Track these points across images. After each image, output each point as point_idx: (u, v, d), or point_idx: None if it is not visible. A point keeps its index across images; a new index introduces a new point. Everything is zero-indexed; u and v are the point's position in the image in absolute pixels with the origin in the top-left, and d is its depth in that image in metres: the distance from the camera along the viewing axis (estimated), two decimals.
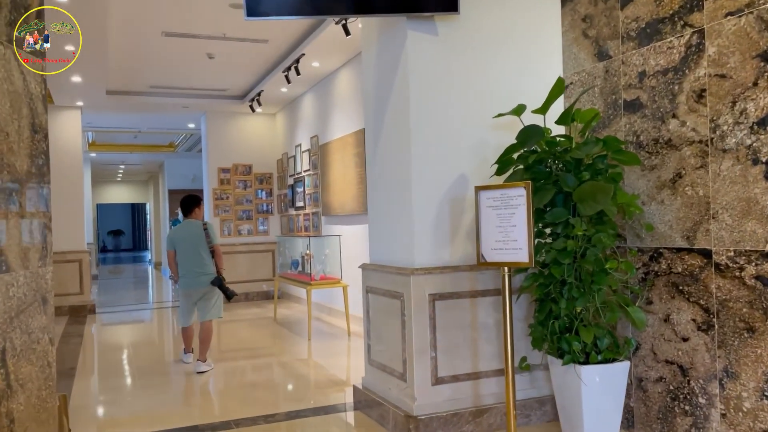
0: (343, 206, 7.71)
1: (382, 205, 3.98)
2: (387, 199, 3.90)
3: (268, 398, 4.67)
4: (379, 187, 4.05)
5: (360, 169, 7.16)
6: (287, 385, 5.10)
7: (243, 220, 10.54)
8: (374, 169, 4.12)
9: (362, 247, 7.15)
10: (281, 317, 8.44)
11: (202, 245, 5.57)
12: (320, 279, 6.99)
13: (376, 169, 4.08)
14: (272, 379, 5.34)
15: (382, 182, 3.98)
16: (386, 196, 3.92)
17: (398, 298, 3.64)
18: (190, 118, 11.08)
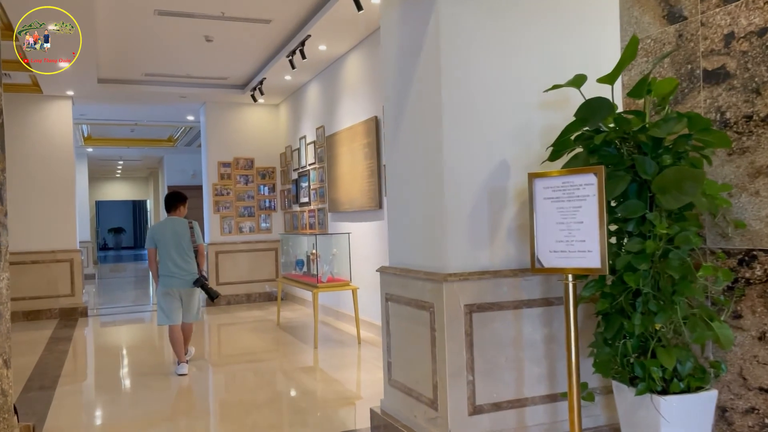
0: (351, 202, 7.11)
1: (405, 198, 3.38)
2: (412, 191, 3.30)
3: (270, 421, 4.07)
4: (400, 178, 3.44)
5: (371, 161, 6.56)
6: (292, 404, 4.50)
7: (244, 217, 9.95)
8: (394, 157, 3.52)
9: (373, 246, 6.55)
10: (285, 321, 7.85)
11: (187, 244, 5.35)
12: (328, 281, 6.39)
13: (397, 156, 3.48)
14: (275, 395, 4.74)
15: (405, 172, 3.38)
16: (410, 187, 3.32)
17: (427, 309, 3.04)
18: (189, 110, 10.49)
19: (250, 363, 5.72)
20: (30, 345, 6.81)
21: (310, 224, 8.70)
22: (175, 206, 5.47)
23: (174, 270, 5.26)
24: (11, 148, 8.60)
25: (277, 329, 7.35)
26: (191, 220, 5.50)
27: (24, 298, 8.52)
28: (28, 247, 8.61)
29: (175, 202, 5.47)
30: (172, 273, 5.26)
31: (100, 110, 10.40)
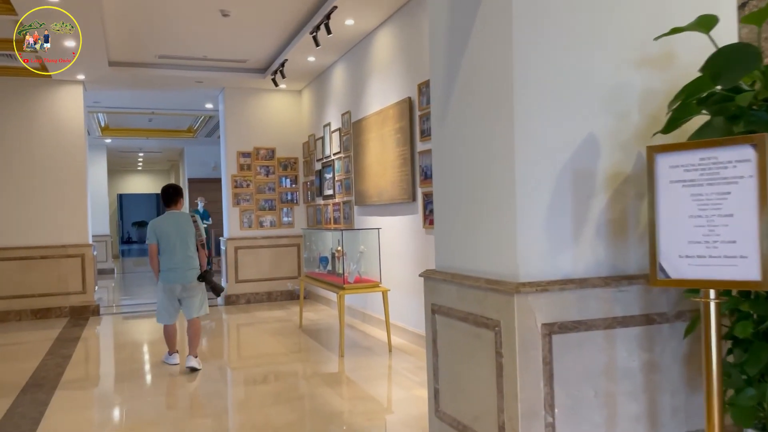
0: (380, 194, 6.43)
1: (458, 185, 2.68)
2: (468, 176, 2.60)
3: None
4: (451, 162, 2.75)
5: (403, 147, 5.87)
6: (316, 428, 3.85)
7: (265, 211, 9.35)
8: (443, 137, 2.82)
9: (405, 243, 5.87)
10: (308, 323, 7.22)
11: (191, 238, 5.20)
12: (355, 281, 5.73)
13: (447, 136, 2.78)
14: (296, 418, 4.09)
15: (459, 154, 2.68)
16: (466, 172, 2.62)
17: (490, 328, 2.35)
18: (208, 97, 9.90)
19: (268, 373, 5.09)
20: (34, 346, 6.28)
21: (334, 218, 8.06)
22: (175, 200, 5.28)
23: (178, 265, 5.09)
24: (18, 135, 8.12)
25: (300, 333, 6.73)
26: (194, 213, 5.35)
27: (33, 295, 8.04)
28: (37, 242, 8.12)
29: (176, 196, 5.29)
30: (174, 268, 5.09)
31: (114, 97, 9.88)
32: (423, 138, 5.53)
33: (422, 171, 5.56)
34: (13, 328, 7.60)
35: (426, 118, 5.47)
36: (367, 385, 4.59)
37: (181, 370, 5.22)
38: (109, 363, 5.87)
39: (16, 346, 6.63)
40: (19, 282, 7.98)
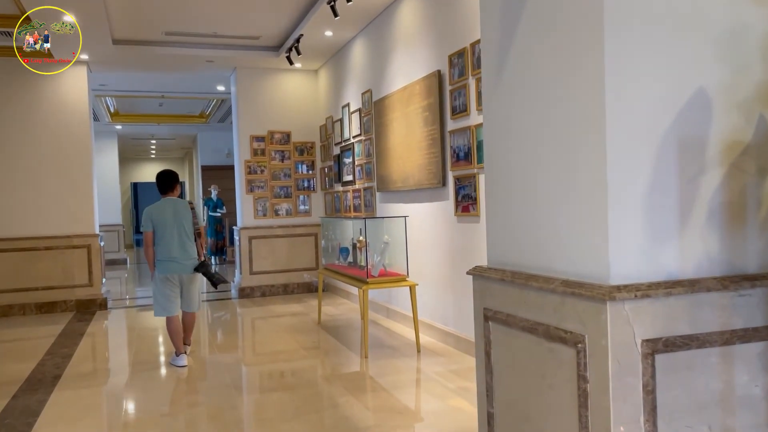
0: (405, 179, 5.90)
1: (522, 162, 2.14)
2: (536, 150, 2.06)
3: None
4: (513, 131, 2.20)
5: (432, 127, 5.32)
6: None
7: (281, 198, 8.86)
8: (501, 99, 2.27)
9: (433, 232, 5.34)
10: (327, 319, 6.73)
11: (189, 226, 5.01)
12: (379, 275, 5.22)
13: (506, 97, 2.24)
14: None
15: (524, 121, 2.13)
16: (532, 145, 2.08)
17: (570, 344, 1.82)
18: (219, 78, 9.40)
19: (286, 378, 4.61)
20: (34, 343, 5.87)
21: (354, 206, 7.54)
22: (172, 186, 5.08)
23: (175, 254, 4.89)
24: (19, 120, 7.68)
25: (318, 329, 6.24)
26: (191, 201, 5.08)
27: (37, 288, 7.64)
28: (40, 232, 7.71)
29: (172, 182, 5.08)
30: (172, 258, 4.89)
31: (121, 80, 9.42)
32: (455, 115, 4.98)
33: (454, 152, 5.01)
34: (16, 323, 7.21)
35: (458, 93, 4.91)
36: (396, 393, 4.08)
37: (188, 373, 4.76)
38: (111, 364, 5.44)
39: (16, 343, 6.23)
40: (22, 274, 7.58)
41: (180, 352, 4.97)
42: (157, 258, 4.91)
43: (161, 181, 5.11)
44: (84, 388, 4.47)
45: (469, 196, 4.80)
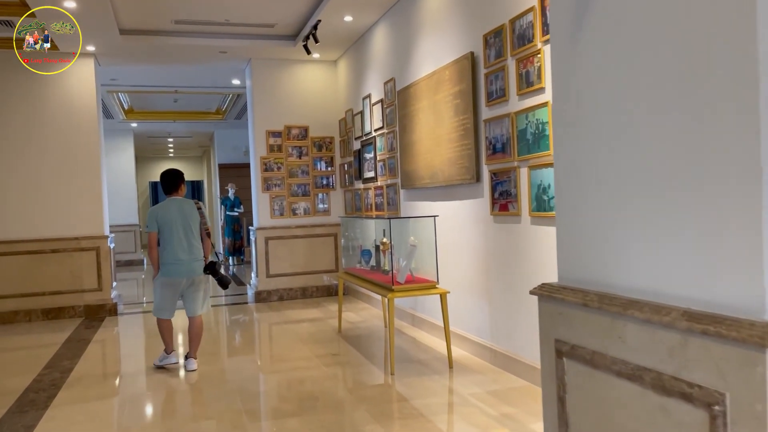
0: (433, 174, 5.36)
1: (616, 148, 1.59)
2: (640, 131, 1.50)
3: None
4: (598, 104, 1.65)
5: (464, 116, 4.76)
6: None
7: (298, 197, 8.37)
8: (583, 62, 1.73)
9: (465, 234, 4.80)
10: (347, 327, 6.22)
11: (196, 227, 4.81)
12: (406, 281, 4.68)
13: (588, 74, 1.68)
14: None
15: (615, 87, 1.58)
16: (635, 125, 1.52)
17: (697, 404, 1.27)
18: (233, 71, 8.94)
19: (303, 400, 4.10)
20: (35, 353, 5.46)
21: (376, 205, 7.02)
22: (177, 185, 4.86)
23: (182, 256, 4.70)
24: (24, 116, 7.28)
25: (339, 339, 5.73)
26: (197, 200, 4.97)
27: (44, 293, 7.26)
28: (46, 234, 7.32)
29: (178, 180, 4.87)
30: (178, 260, 4.69)
31: (133, 74, 9.01)
32: (491, 102, 4.42)
33: (489, 144, 4.46)
34: (21, 330, 6.83)
35: (495, 77, 4.35)
36: (429, 421, 3.55)
37: (196, 396, 4.28)
38: (113, 379, 4.98)
39: (16, 352, 5.83)
40: (28, 278, 7.20)
41: (170, 350, 4.87)
42: (164, 260, 4.72)
43: (166, 180, 4.90)
44: (78, 413, 4.00)
45: (508, 192, 4.25)
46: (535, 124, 3.90)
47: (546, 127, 3.79)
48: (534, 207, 3.95)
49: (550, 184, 3.77)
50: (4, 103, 7.19)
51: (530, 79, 3.95)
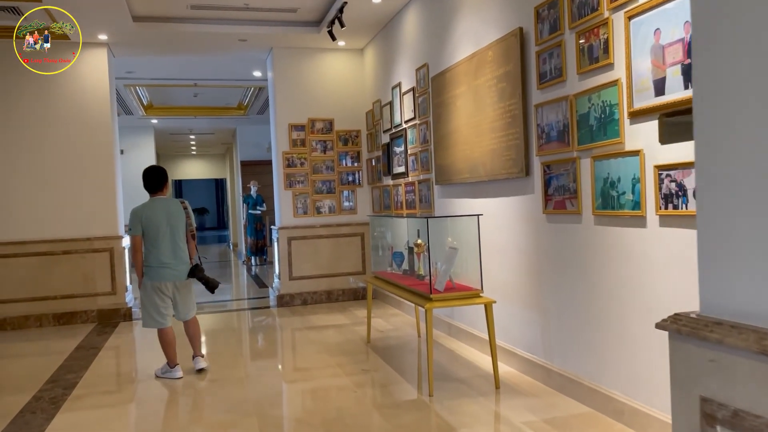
0: (473, 168, 4.79)
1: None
2: None
3: None
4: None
5: (510, 101, 4.19)
6: None
7: (323, 194, 7.87)
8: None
9: (512, 235, 4.22)
10: (377, 336, 5.69)
11: (182, 228, 4.58)
12: (446, 289, 4.12)
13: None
14: None
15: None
16: None
17: None
18: (254, 62, 8.47)
19: (325, 422, 3.58)
20: (41, 362, 5.04)
21: (407, 202, 6.48)
22: (162, 184, 4.61)
23: (167, 260, 4.46)
24: (33, 109, 6.89)
25: (367, 350, 5.21)
26: (183, 200, 4.73)
27: (55, 297, 6.87)
28: (57, 234, 6.93)
29: (162, 179, 4.62)
30: (164, 263, 4.45)
31: (149, 66, 8.60)
32: (544, 84, 3.84)
33: (542, 132, 3.88)
34: (32, 335, 6.45)
35: (550, 54, 3.77)
36: None
37: (205, 419, 3.79)
38: (120, 395, 4.52)
39: (22, 362, 5.43)
40: (38, 282, 6.82)
41: (174, 364, 4.57)
42: (147, 264, 4.47)
43: (150, 178, 4.60)
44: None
45: (566, 187, 3.67)
46: (601, 107, 3.31)
47: (615, 110, 3.20)
48: (599, 204, 3.37)
49: (620, 178, 3.18)
50: (10, 94, 6.80)
51: (594, 54, 3.36)
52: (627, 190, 3.14)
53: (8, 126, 6.81)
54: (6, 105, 6.80)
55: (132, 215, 4.53)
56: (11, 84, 6.78)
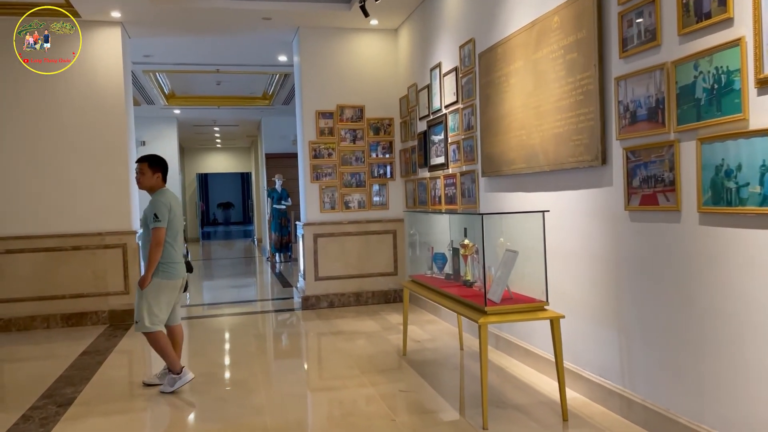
0: (531, 157, 4.10)
1: None
2: None
3: None
4: None
5: (584, 74, 3.49)
6: None
7: (351, 188, 7.24)
8: None
9: (582, 236, 3.53)
10: (413, 348, 5.03)
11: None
12: (503, 301, 3.44)
13: None
14: None
15: None
16: None
17: None
18: (280, 45, 7.86)
19: None
20: (42, 371, 4.51)
21: (447, 197, 5.81)
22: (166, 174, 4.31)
23: (180, 256, 4.17)
24: (41, 95, 6.38)
25: (403, 365, 4.55)
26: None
27: (63, 296, 6.37)
28: (67, 228, 6.42)
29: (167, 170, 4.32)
30: (177, 260, 4.13)
31: (168, 49, 8.05)
32: (629, 51, 3.13)
33: (625, 110, 3.17)
34: (38, 337, 5.95)
35: (637, 13, 3.05)
36: None
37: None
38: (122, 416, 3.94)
39: (20, 368, 4.91)
40: (46, 279, 6.32)
41: (180, 367, 4.12)
42: (167, 260, 4.06)
43: (161, 164, 4.27)
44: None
45: (658, 178, 2.96)
46: (714, 75, 2.60)
47: (735, 78, 2.49)
48: (708, 199, 2.65)
49: (741, 165, 2.47)
50: (16, 79, 6.28)
51: (704, 8, 2.65)
52: (751, 181, 2.43)
53: (12, 110, 6.31)
54: (9, 88, 6.29)
55: (161, 205, 4.06)
56: (16, 65, 6.25)
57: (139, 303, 4.07)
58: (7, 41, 6.08)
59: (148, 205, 4.13)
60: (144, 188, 4.23)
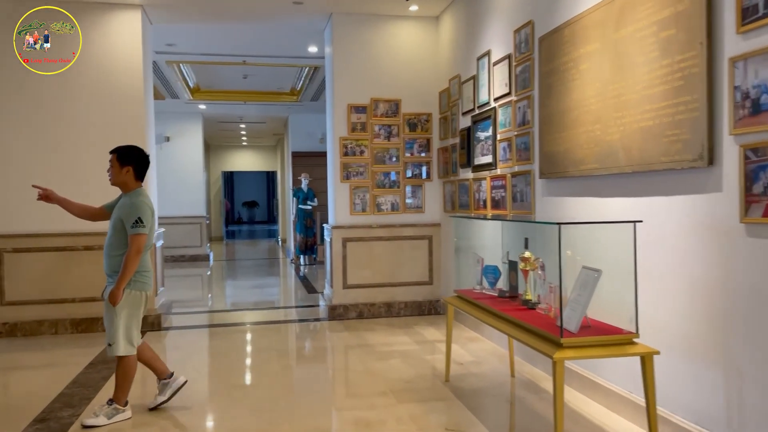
0: (607, 155, 3.46)
1: None
2: None
3: None
4: None
5: (685, 55, 2.84)
6: None
7: (384, 189, 6.66)
8: None
9: (680, 253, 2.87)
10: (457, 373, 4.41)
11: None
12: (581, 331, 2.81)
13: None
14: None
15: None
16: None
17: None
18: (310, 34, 7.32)
19: None
20: (43, 384, 4.02)
21: (493, 201, 5.18)
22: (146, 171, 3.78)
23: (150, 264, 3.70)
24: (49, 81, 5.93)
25: (447, 395, 3.94)
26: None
27: (73, 300, 5.91)
28: (78, 227, 5.93)
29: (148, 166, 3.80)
30: (150, 267, 3.67)
31: (192, 38, 7.58)
32: (749, 22, 2.49)
33: (744, 97, 2.53)
34: (44, 344, 5.49)
35: None
36: None
37: None
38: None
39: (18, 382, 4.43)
40: (55, 281, 5.87)
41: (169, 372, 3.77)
42: (141, 268, 3.56)
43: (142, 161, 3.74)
44: None
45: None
46: None
47: None
48: None
49: None
50: (27, 72, 5.81)
51: None
52: None
53: (21, 98, 5.86)
54: (20, 79, 5.84)
55: (145, 207, 3.55)
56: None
57: (112, 322, 3.49)
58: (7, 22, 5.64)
59: (123, 206, 3.56)
60: (115, 184, 3.69)
